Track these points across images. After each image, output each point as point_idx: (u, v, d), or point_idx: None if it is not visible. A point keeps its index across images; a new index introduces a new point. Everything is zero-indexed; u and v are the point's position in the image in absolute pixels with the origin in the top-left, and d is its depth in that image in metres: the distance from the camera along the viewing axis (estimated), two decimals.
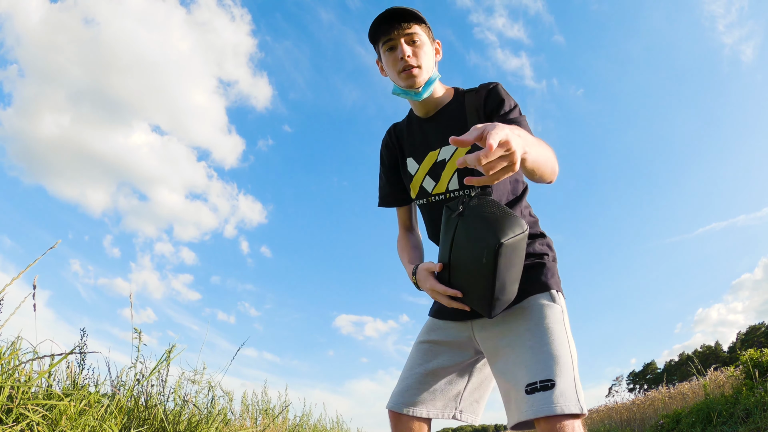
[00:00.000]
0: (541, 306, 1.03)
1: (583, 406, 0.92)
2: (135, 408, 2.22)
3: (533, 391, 0.93)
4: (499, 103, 1.08)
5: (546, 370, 0.94)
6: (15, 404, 1.50)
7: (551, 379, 0.92)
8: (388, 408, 1.14)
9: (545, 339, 0.98)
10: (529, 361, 0.96)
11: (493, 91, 1.10)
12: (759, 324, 33.35)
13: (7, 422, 1.46)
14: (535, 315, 1.02)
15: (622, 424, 8.49)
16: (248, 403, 4.20)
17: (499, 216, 0.92)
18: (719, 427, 4.75)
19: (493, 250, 0.88)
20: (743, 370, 5.35)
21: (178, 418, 2.47)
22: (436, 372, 1.13)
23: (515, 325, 1.03)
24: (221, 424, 2.92)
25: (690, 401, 6.46)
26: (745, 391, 4.87)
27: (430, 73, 1.12)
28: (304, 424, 5.07)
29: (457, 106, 1.14)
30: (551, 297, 1.05)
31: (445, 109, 1.16)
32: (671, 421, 6.00)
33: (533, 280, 1.07)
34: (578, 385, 0.94)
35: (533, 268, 1.08)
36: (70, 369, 2.09)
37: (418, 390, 1.12)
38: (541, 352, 0.96)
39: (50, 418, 1.59)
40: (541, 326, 1.00)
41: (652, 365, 39.02)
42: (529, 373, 0.95)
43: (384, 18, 1.08)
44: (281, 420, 4.47)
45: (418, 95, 1.11)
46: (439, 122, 1.15)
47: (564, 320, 1.02)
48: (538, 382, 0.93)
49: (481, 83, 1.15)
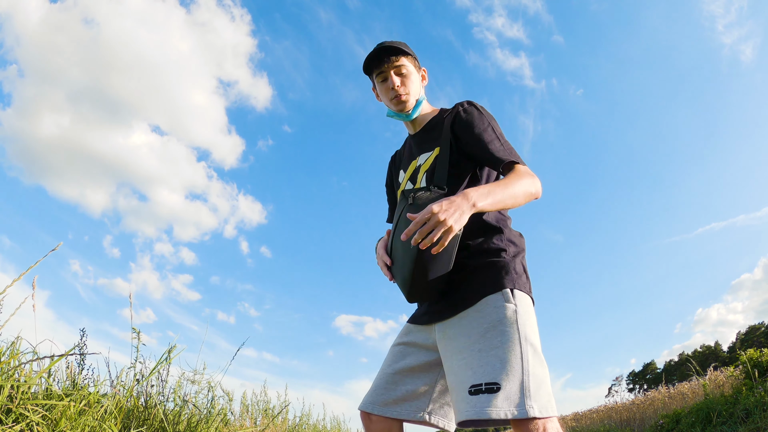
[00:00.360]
0: (493, 308, 1.03)
1: (530, 409, 0.90)
2: (135, 408, 2.22)
3: (477, 392, 0.94)
4: (465, 123, 1.21)
5: (492, 373, 0.95)
6: (15, 404, 1.50)
7: (497, 382, 0.94)
8: (359, 408, 1.18)
9: (495, 342, 0.99)
10: (476, 364, 0.98)
11: (458, 115, 1.24)
12: (759, 324, 33.38)
13: (6, 422, 1.46)
14: (487, 318, 1.03)
15: (621, 424, 8.49)
16: (248, 404, 4.21)
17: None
18: (719, 427, 4.76)
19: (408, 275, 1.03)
20: (743, 370, 5.35)
21: (178, 419, 2.47)
22: (403, 371, 1.16)
23: (468, 328, 1.04)
24: (221, 424, 2.92)
25: (690, 401, 6.46)
26: (745, 391, 4.88)
27: (417, 97, 1.30)
28: (303, 424, 5.08)
29: (438, 122, 1.29)
30: (504, 297, 1.04)
31: (428, 125, 1.32)
32: (671, 421, 6.00)
33: (487, 280, 1.08)
34: (529, 389, 0.93)
35: (487, 267, 1.09)
36: (70, 369, 2.09)
37: (385, 390, 1.15)
38: (489, 356, 0.97)
39: (50, 418, 1.59)
40: (492, 330, 1.00)
41: (652, 365, 39.07)
42: (475, 375, 0.97)
43: (376, 53, 1.25)
44: (281, 420, 4.47)
45: (409, 117, 1.30)
46: (421, 136, 1.32)
47: (517, 320, 1.01)
48: (483, 384, 0.94)
49: (456, 102, 1.30)
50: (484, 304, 1.05)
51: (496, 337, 0.99)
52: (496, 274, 1.08)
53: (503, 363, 0.96)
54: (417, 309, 1.25)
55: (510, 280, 1.07)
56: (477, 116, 1.21)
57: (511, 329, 1.00)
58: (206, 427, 2.62)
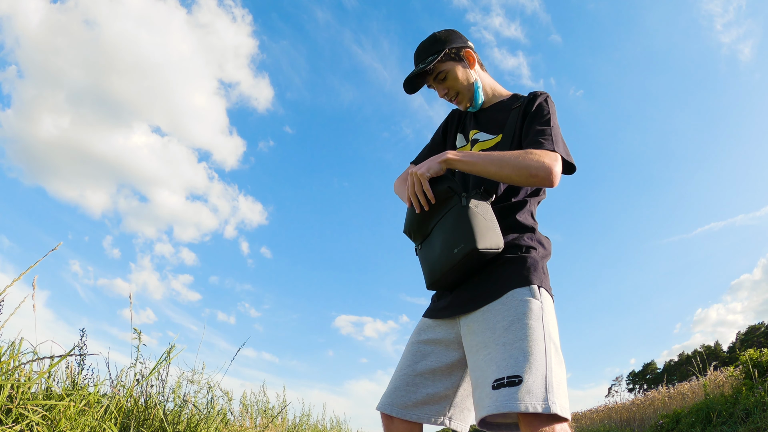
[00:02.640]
0: (519, 301, 1.01)
1: (552, 404, 0.87)
2: (134, 408, 2.22)
3: (499, 386, 0.91)
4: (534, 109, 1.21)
5: (515, 366, 0.92)
6: (15, 404, 1.50)
7: (519, 375, 0.90)
8: (379, 409, 1.14)
9: (519, 335, 0.96)
10: (500, 358, 0.95)
11: (532, 100, 1.24)
12: (759, 324, 33.39)
13: (6, 422, 1.46)
14: (512, 311, 1.00)
15: (621, 424, 8.49)
16: (247, 403, 4.21)
17: (489, 225, 1.06)
18: (719, 427, 4.76)
19: (467, 251, 1.03)
20: (743, 370, 5.35)
21: (178, 419, 2.47)
22: (424, 373, 1.12)
23: (493, 322, 1.02)
24: (221, 424, 2.92)
25: (690, 401, 6.46)
26: (745, 391, 4.88)
27: (471, 87, 1.29)
28: (303, 424, 5.08)
29: (506, 108, 1.28)
30: (531, 292, 1.02)
31: (495, 106, 1.31)
32: (671, 421, 6.00)
33: (514, 274, 1.06)
34: (551, 384, 0.91)
35: (515, 261, 1.08)
36: (70, 369, 2.10)
37: (406, 391, 1.12)
38: (513, 349, 0.95)
39: (50, 418, 1.59)
40: (518, 323, 0.98)
41: (652, 365, 39.07)
42: (498, 370, 0.93)
43: (410, 79, 1.28)
44: (281, 420, 4.47)
45: (474, 108, 1.32)
46: (487, 115, 1.31)
47: (543, 317, 0.99)
48: (505, 378, 0.91)
49: (531, 91, 1.29)
50: (510, 297, 1.03)
51: (520, 330, 0.97)
52: (524, 270, 1.06)
53: (526, 356, 0.93)
54: (434, 302, 1.22)
55: (537, 278, 1.05)
56: (544, 105, 1.21)
57: (536, 323, 0.98)
58: (206, 427, 2.62)
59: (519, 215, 1.16)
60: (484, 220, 1.05)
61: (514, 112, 1.23)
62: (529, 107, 1.21)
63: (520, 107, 1.23)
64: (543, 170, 1.05)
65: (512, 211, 1.16)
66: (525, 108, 1.22)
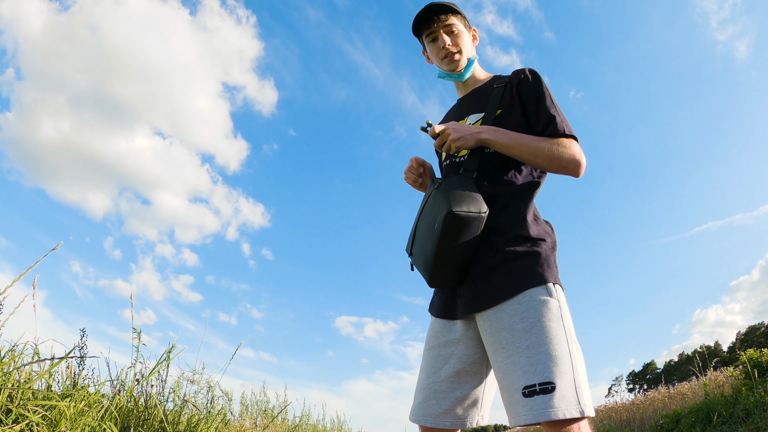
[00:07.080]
0: (537, 302, 0.99)
1: (585, 407, 0.89)
2: (134, 408, 2.21)
3: (532, 394, 0.90)
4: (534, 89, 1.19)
5: (544, 372, 0.91)
6: (15, 405, 1.50)
7: (551, 381, 0.90)
8: (414, 421, 1.13)
9: (542, 338, 0.94)
10: (526, 363, 0.94)
11: (524, 78, 1.21)
12: (758, 324, 33.38)
13: (6, 423, 1.46)
14: (531, 312, 0.98)
15: (621, 424, 8.49)
16: (247, 403, 4.20)
17: (462, 192, 1.03)
18: (719, 427, 4.76)
19: (443, 216, 0.99)
20: (743, 370, 5.35)
21: (178, 419, 2.47)
22: (449, 378, 1.10)
23: (510, 323, 0.99)
24: (221, 424, 2.92)
25: (689, 401, 6.46)
26: (745, 391, 4.88)
27: (469, 56, 1.29)
28: (303, 424, 5.07)
29: (489, 87, 1.27)
30: (548, 291, 1.00)
31: (480, 88, 1.30)
32: (671, 421, 6.00)
33: (529, 271, 1.03)
34: (580, 386, 0.91)
35: (527, 256, 1.05)
36: (70, 369, 2.09)
37: (436, 400, 1.10)
38: (539, 353, 0.93)
39: (50, 418, 1.59)
40: (538, 325, 0.96)
41: (652, 365, 39.06)
42: (526, 375, 0.93)
43: (424, 13, 1.24)
44: (281, 420, 4.47)
45: (461, 77, 1.29)
46: (472, 98, 1.30)
47: (562, 316, 0.98)
48: (537, 385, 0.90)
49: (515, 69, 1.28)
50: (527, 297, 1.00)
51: (543, 333, 0.95)
52: (537, 266, 1.03)
53: (554, 361, 0.92)
54: (442, 302, 1.18)
55: (552, 274, 1.03)
56: (540, 83, 1.19)
57: (557, 324, 0.96)
58: (206, 427, 2.62)
59: (522, 203, 1.12)
60: (459, 191, 1.04)
61: (498, 90, 1.22)
62: (524, 85, 1.18)
63: (507, 85, 1.21)
64: (573, 163, 1.09)
65: (515, 198, 1.13)
66: (519, 86, 1.19)
